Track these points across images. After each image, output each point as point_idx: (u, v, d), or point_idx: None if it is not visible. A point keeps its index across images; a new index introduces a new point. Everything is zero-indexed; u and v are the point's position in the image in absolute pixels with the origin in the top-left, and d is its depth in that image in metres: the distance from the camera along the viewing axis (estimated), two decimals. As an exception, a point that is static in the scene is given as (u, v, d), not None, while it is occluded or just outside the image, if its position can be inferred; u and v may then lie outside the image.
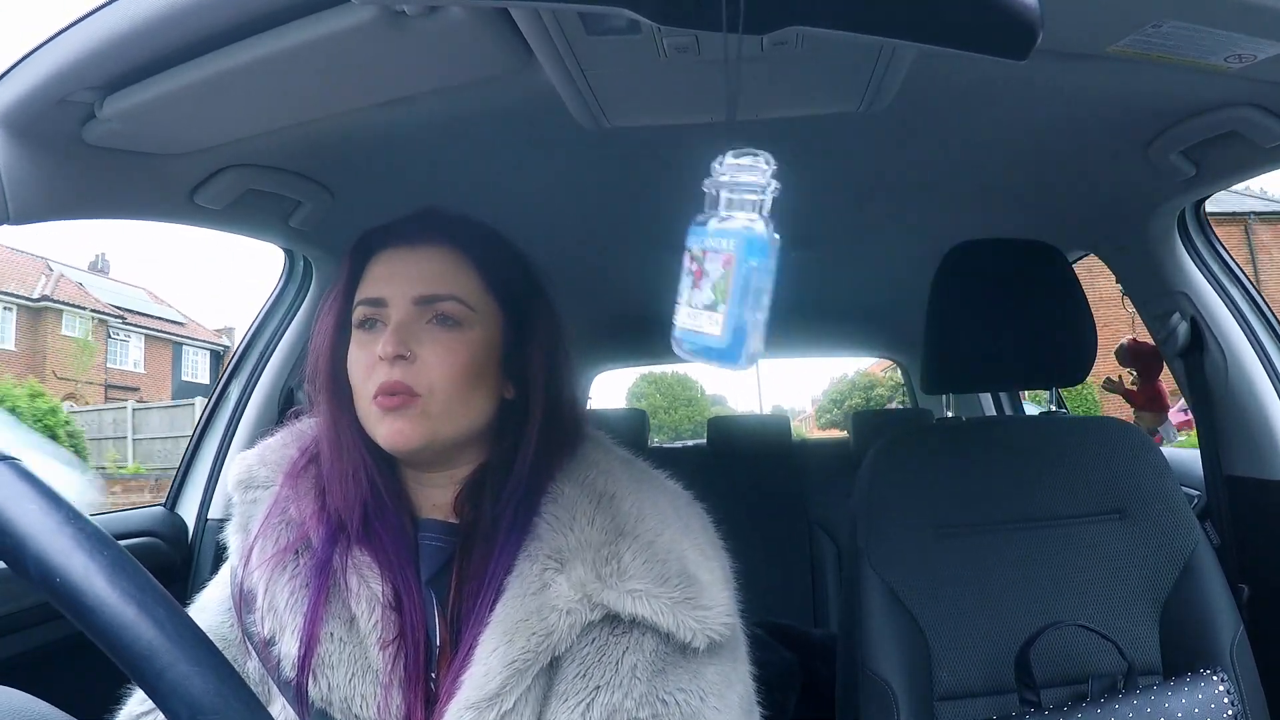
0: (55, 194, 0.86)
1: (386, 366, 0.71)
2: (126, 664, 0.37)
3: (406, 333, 0.72)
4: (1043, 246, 1.25)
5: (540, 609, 0.67)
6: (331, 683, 0.69)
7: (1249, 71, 0.79)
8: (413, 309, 0.73)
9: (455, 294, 0.74)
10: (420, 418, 0.71)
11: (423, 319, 0.73)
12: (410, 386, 0.71)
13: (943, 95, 0.97)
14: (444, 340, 0.73)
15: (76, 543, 0.38)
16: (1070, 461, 1.16)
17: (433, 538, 0.75)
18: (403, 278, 0.74)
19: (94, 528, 0.39)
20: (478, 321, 0.75)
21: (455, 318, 0.74)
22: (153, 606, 0.38)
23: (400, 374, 0.71)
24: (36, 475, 0.40)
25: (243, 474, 0.79)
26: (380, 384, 0.71)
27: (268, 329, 1.52)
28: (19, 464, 0.40)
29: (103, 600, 0.37)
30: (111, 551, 0.38)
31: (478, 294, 0.75)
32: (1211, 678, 0.98)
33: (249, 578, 0.74)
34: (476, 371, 0.74)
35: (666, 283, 1.99)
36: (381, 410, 0.71)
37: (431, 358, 0.72)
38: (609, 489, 0.73)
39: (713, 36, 0.71)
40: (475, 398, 0.74)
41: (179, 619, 0.38)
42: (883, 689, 1.05)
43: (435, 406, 0.71)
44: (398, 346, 0.71)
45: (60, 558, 0.37)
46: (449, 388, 0.72)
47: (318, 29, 0.69)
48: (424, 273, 0.74)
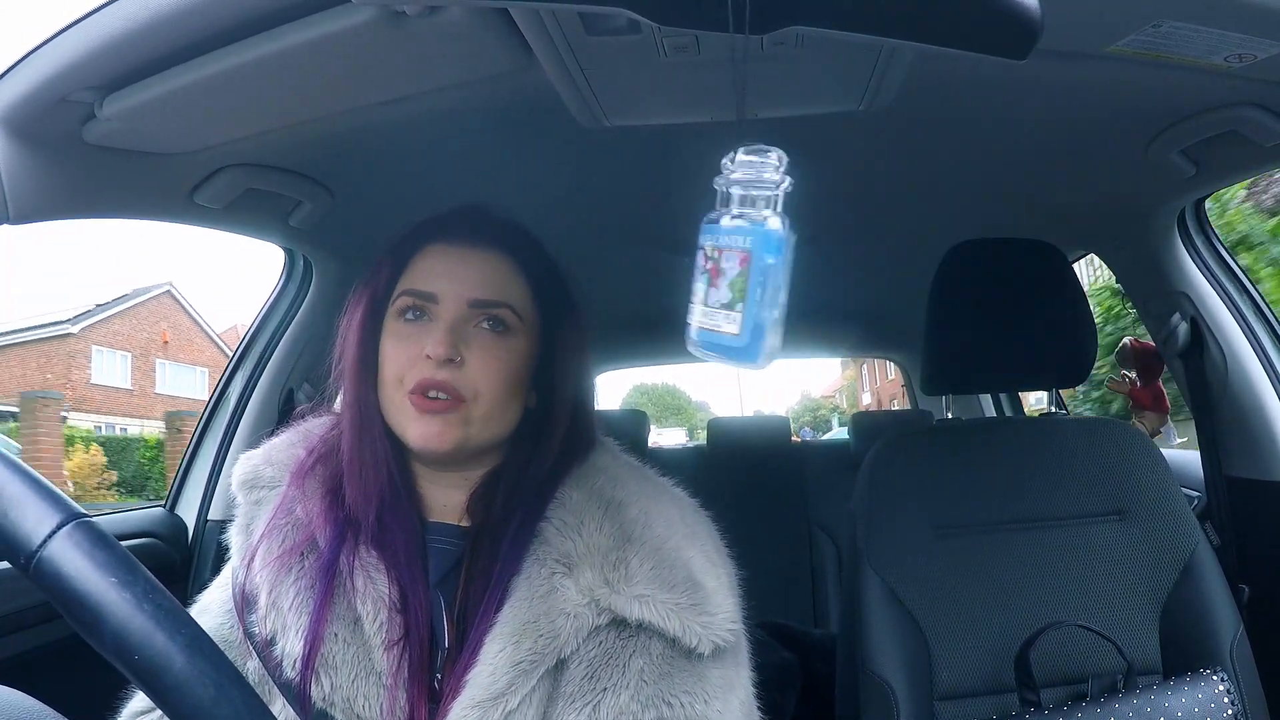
0: (55, 194, 0.86)
1: (433, 366, 0.70)
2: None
3: (457, 335, 0.72)
4: (1043, 246, 1.25)
5: (548, 612, 0.67)
6: (334, 683, 0.69)
7: (1249, 71, 0.79)
8: (466, 311, 0.73)
9: (509, 302, 0.74)
10: (460, 423, 0.71)
11: (472, 322, 0.73)
12: (457, 390, 0.70)
13: (943, 95, 0.97)
14: (492, 347, 0.73)
15: (157, 621, 0.38)
16: (1070, 462, 1.16)
17: (442, 540, 0.75)
18: (458, 277, 0.73)
19: (171, 603, 0.40)
20: (523, 330, 0.75)
21: (506, 325, 0.74)
22: (229, 688, 0.39)
23: (447, 375, 0.70)
24: (110, 537, 0.40)
25: (248, 474, 0.79)
26: (422, 380, 0.70)
27: (268, 329, 1.52)
28: (93, 525, 0.40)
29: (181, 681, 0.38)
30: (189, 631, 0.39)
31: (526, 304, 0.76)
32: (1211, 678, 0.98)
33: (252, 579, 0.73)
34: (517, 380, 0.74)
35: (666, 283, 1.99)
36: (418, 410, 0.70)
37: (478, 363, 0.71)
38: (617, 495, 0.73)
39: (712, 36, 0.72)
40: (511, 406, 0.74)
41: (253, 703, 0.39)
42: (883, 689, 1.05)
43: (478, 413, 0.71)
44: (449, 350, 0.70)
45: (141, 637, 0.38)
46: (493, 395, 0.72)
47: (318, 29, 0.69)
48: (481, 276, 0.74)
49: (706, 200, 0.52)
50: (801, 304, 0.53)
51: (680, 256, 1.73)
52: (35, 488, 0.39)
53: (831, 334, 2.88)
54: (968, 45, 0.50)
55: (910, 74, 0.83)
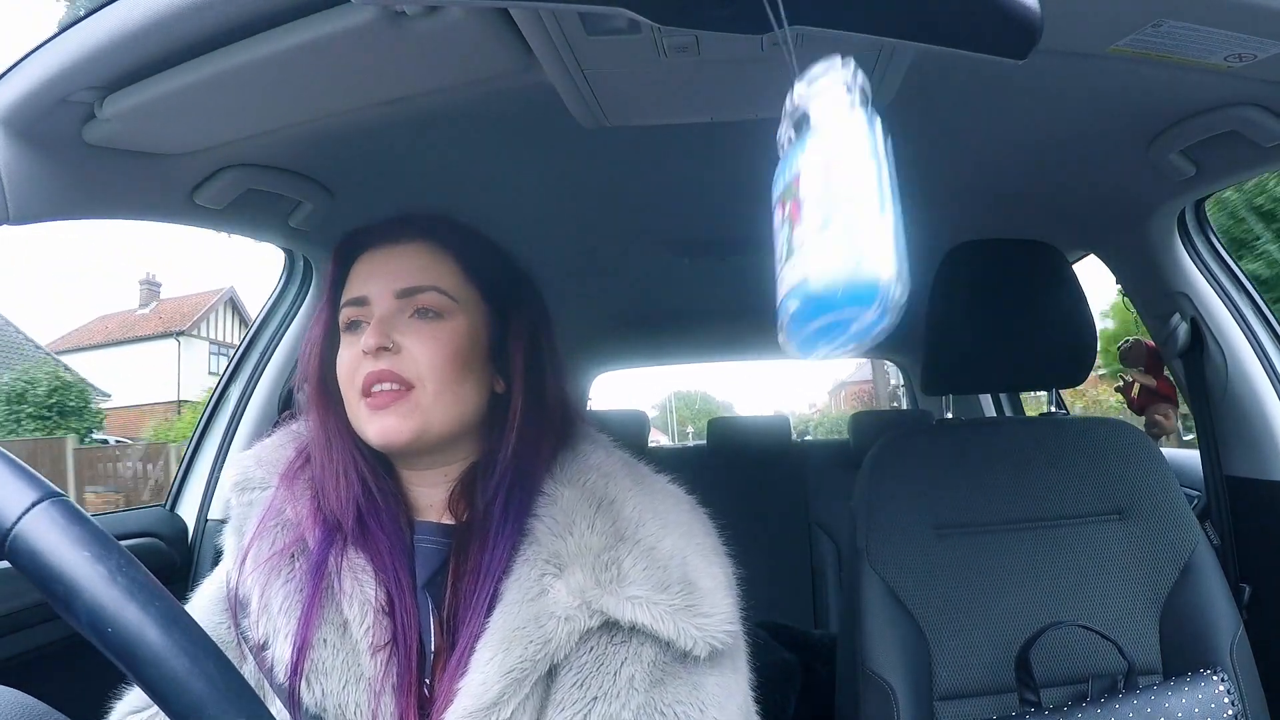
0: (55, 194, 0.86)
1: (371, 359, 0.71)
2: (177, 716, 0.37)
3: (389, 325, 0.72)
4: (1043, 246, 1.25)
5: (538, 616, 0.66)
6: (325, 689, 0.68)
7: (1249, 71, 0.79)
8: (394, 303, 0.74)
9: (435, 284, 0.74)
10: (412, 411, 0.71)
11: (405, 313, 0.74)
12: (399, 374, 0.71)
13: (943, 95, 0.97)
14: (427, 331, 0.73)
15: (130, 594, 0.38)
16: (1070, 462, 1.16)
17: (428, 540, 0.75)
18: (383, 274, 0.75)
19: (146, 576, 0.39)
20: (460, 311, 0.75)
21: (436, 309, 0.74)
22: (204, 660, 0.38)
23: (386, 364, 0.71)
24: (85, 514, 0.40)
25: (239, 475, 0.79)
26: (367, 375, 0.71)
27: (268, 329, 1.52)
28: (68, 502, 0.40)
29: (156, 654, 0.37)
30: (164, 603, 0.39)
31: (458, 284, 0.76)
32: (1211, 678, 0.98)
33: (244, 581, 0.73)
34: (463, 361, 0.74)
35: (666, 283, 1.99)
36: (371, 409, 0.71)
37: (416, 347, 0.72)
38: (610, 493, 0.72)
39: (713, 36, 0.72)
40: (464, 389, 0.74)
41: (229, 673, 0.39)
42: (883, 689, 1.05)
43: (426, 398, 0.71)
44: (380, 338, 0.71)
45: (114, 609, 0.37)
46: (438, 377, 0.72)
47: (318, 29, 0.69)
48: (404, 267, 0.75)
49: (707, 200, 0.51)
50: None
51: (682, 257, 1.74)
52: (10, 467, 0.40)
53: None
54: (968, 45, 0.50)
55: (910, 74, 0.83)
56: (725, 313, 2.29)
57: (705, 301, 2.15)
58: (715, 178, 1.22)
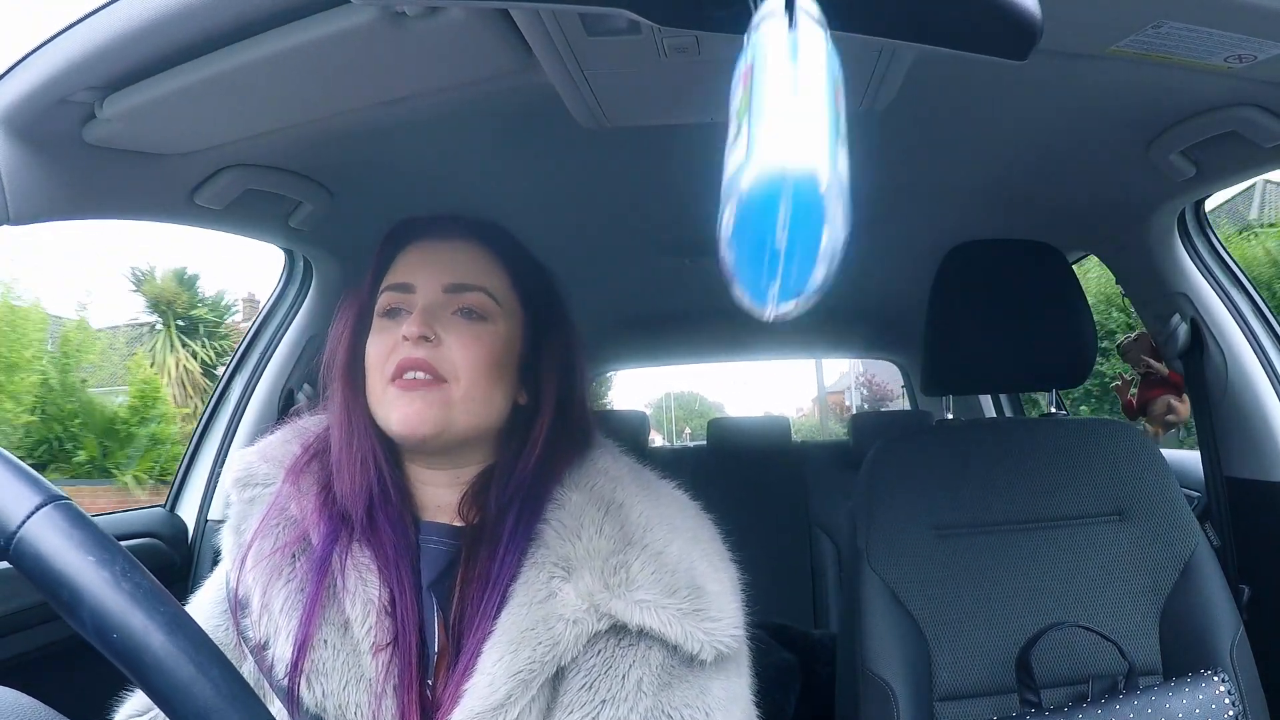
0: (55, 194, 0.86)
1: (410, 346, 0.71)
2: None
3: (432, 317, 0.72)
4: (1043, 247, 1.25)
5: (546, 618, 0.66)
6: (325, 689, 0.68)
7: (1249, 71, 0.79)
8: (441, 296, 0.74)
9: (484, 286, 0.75)
10: (440, 404, 0.71)
11: (449, 308, 0.74)
12: (435, 367, 0.71)
13: (943, 95, 0.97)
14: (469, 330, 0.73)
15: (134, 599, 0.38)
16: (1070, 463, 1.16)
17: (435, 540, 0.75)
18: (434, 266, 0.75)
19: (150, 581, 0.39)
20: (501, 317, 0.75)
21: (481, 310, 0.74)
22: (208, 666, 0.38)
23: (424, 353, 0.71)
24: (89, 518, 0.40)
25: (241, 471, 0.78)
26: (401, 361, 0.71)
27: (268, 329, 1.52)
28: (71, 506, 0.40)
29: (160, 659, 0.37)
30: (168, 609, 0.39)
31: (504, 290, 0.76)
32: (1212, 678, 0.98)
33: (244, 580, 0.73)
34: (498, 367, 0.74)
35: (666, 284, 2.00)
36: (400, 390, 0.71)
37: (456, 343, 0.72)
38: (617, 497, 0.72)
39: (713, 36, 0.72)
40: (493, 394, 0.74)
41: (233, 679, 0.39)
42: (883, 689, 1.05)
43: (456, 395, 0.71)
44: (423, 328, 0.71)
45: (119, 614, 0.37)
46: (471, 377, 0.72)
47: (318, 29, 0.69)
48: (455, 263, 0.75)
49: (706, 201, 0.51)
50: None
51: (681, 258, 1.74)
52: (14, 471, 0.40)
53: (831, 334, 2.88)
54: (968, 46, 0.50)
55: (910, 75, 0.83)
56: (725, 313, 2.29)
57: (705, 302, 2.15)
58: (715, 178, 1.21)
